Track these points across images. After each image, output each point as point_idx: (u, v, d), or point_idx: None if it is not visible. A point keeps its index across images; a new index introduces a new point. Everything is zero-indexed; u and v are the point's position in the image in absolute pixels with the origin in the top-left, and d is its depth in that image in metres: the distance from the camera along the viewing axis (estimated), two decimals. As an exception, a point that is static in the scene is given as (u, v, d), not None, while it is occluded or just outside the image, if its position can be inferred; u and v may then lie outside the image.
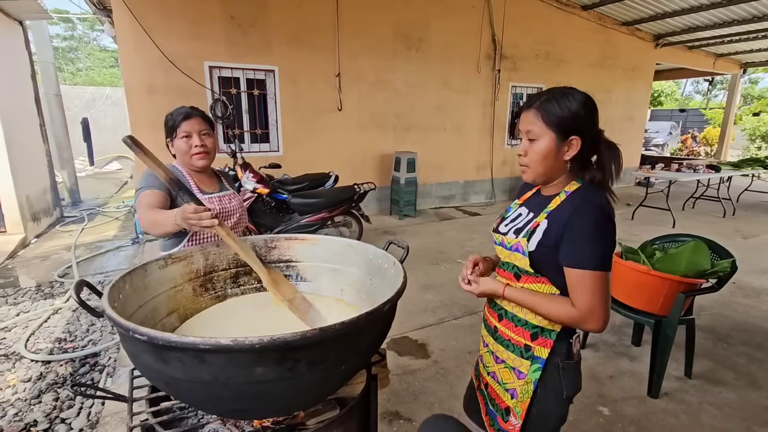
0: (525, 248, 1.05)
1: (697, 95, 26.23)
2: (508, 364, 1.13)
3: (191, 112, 1.52)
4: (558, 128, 1.02)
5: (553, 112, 1.02)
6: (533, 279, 1.07)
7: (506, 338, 1.14)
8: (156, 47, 4.74)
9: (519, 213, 1.18)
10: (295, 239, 1.44)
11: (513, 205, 1.25)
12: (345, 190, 4.54)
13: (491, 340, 1.19)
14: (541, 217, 1.06)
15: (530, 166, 1.07)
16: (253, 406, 0.87)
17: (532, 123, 1.05)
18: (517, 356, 1.10)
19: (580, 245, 0.97)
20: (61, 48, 20.35)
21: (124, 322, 0.77)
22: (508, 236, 1.12)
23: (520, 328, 1.10)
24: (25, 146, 5.49)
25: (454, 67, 6.93)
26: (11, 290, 3.71)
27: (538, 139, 1.04)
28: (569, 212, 1.00)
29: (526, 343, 1.09)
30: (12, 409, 2.22)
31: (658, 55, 9.46)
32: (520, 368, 1.10)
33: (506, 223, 1.19)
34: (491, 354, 1.19)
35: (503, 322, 1.15)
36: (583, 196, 1.03)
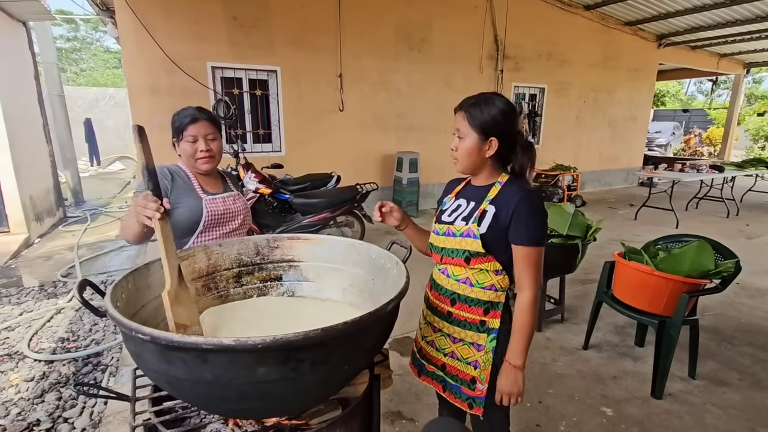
0: (476, 232, 1.20)
1: (700, 95, 26.14)
2: (466, 341, 1.28)
3: (198, 115, 1.49)
4: (480, 130, 1.20)
5: (476, 116, 1.20)
6: (482, 259, 1.21)
7: (462, 319, 1.28)
8: (159, 48, 4.75)
9: (458, 204, 1.33)
10: (297, 239, 1.43)
11: (447, 198, 1.40)
12: (347, 190, 4.54)
13: (445, 324, 1.32)
14: (485, 204, 1.23)
15: (459, 159, 1.27)
16: (256, 406, 0.87)
17: (460, 123, 1.23)
18: (475, 332, 1.26)
19: (528, 227, 1.17)
20: (65, 49, 20.44)
21: (127, 321, 0.77)
22: (456, 224, 1.27)
23: (474, 307, 1.25)
24: (29, 146, 5.51)
25: (457, 67, 6.93)
26: (14, 290, 3.73)
27: (464, 137, 1.23)
28: (515, 200, 1.17)
29: (481, 318, 1.25)
30: (15, 408, 2.22)
31: (661, 55, 9.43)
32: (478, 342, 1.26)
33: (448, 214, 1.33)
34: (446, 336, 1.32)
35: (457, 305, 1.28)
36: (522, 187, 1.21)
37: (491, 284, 1.23)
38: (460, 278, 1.27)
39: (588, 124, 8.81)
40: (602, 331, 3.01)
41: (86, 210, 6.90)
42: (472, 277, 1.25)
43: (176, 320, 1.03)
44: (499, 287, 1.24)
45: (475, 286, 1.24)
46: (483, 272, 1.23)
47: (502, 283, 1.24)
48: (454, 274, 1.28)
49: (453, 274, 1.28)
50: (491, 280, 1.23)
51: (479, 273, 1.24)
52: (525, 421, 2.11)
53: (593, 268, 4.01)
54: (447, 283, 1.30)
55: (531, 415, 2.16)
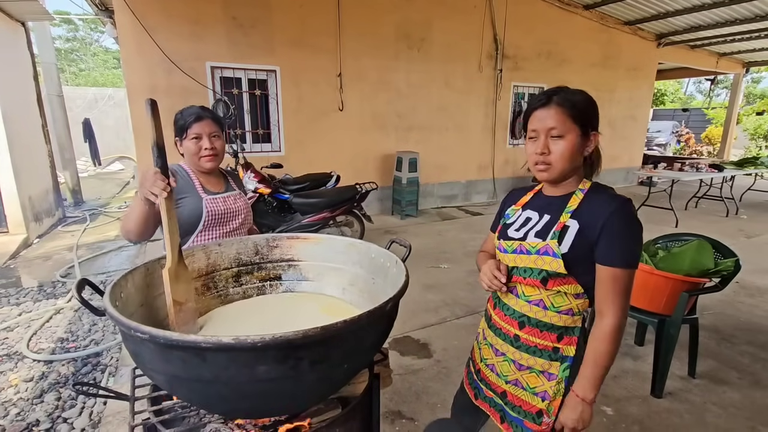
0: (556, 250, 1.03)
1: (699, 95, 26.16)
2: (535, 369, 1.12)
3: (202, 114, 1.50)
4: (581, 123, 1.04)
5: (577, 108, 1.04)
6: (561, 281, 1.06)
7: (531, 345, 1.12)
8: (158, 48, 4.74)
9: (527, 217, 1.17)
10: (297, 238, 1.43)
11: (511, 210, 1.24)
12: (347, 189, 4.54)
13: (510, 348, 1.16)
14: (565, 218, 1.06)
15: (554, 164, 1.05)
16: (255, 405, 0.87)
17: (555, 119, 1.04)
18: (546, 360, 1.11)
19: (621, 246, 0.99)
20: (64, 49, 20.41)
21: (126, 320, 0.77)
22: (528, 240, 1.10)
23: (546, 332, 1.10)
24: (28, 147, 5.51)
25: (456, 67, 6.93)
26: (13, 290, 3.72)
27: (563, 135, 1.04)
28: (606, 212, 1.00)
29: (554, 345, 1.10)
30: (14, 408, 2.22)
31: (661, 54, 9.43)
32: (549, 370, 1.11)
33: (515, 228, 1.17)
34: (511, 362, 1.17)
35: (526, 329, 1.12)
36: (612, 196, 1.05)
37: (569, 308, 1.08)
38: (532, 300, 1.11)
39: (587, 124, 8.80)
40: (602, 330, 3.00)
41: (85, 210, 6.89)
42: (546, 300, 1.09)
43: (174, 297, 1.06)
44: (576, 311, 1.08)
45: (549, 310, 1.08)
46: (561, 295, 1.07)
47: (580, 307, 1.08)
48: (524, 294, 1.12)
49: (524, 294, 1.12)
50: (569, 304, 1.07)
51: (556, 295, 1.08)
52: (525, 421, 2.11)
53: (593, 268, 4.01)
54: (516, 304, 1.14)
55: (531, 415, 2.15)
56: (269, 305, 1.33)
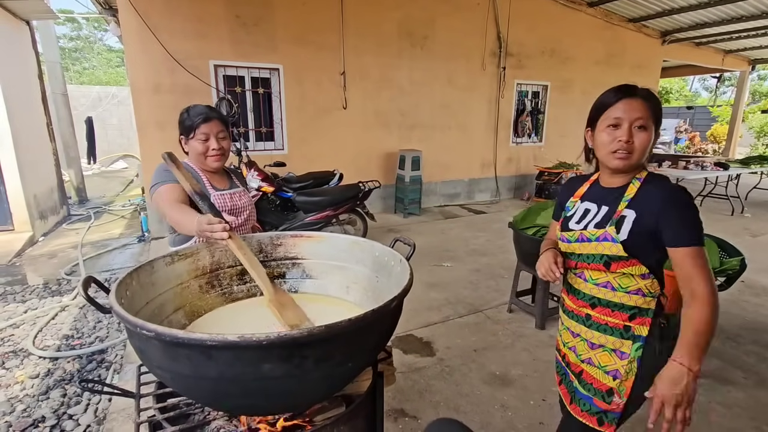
0: (615, 236, 1.10)
1: (705, 92, 25.97)
2: (607, 347, 1.17)
3: (210, 114, 1.51)
4: (656, 119, 1.11)
5: (657, 105, 1.11)
6: (624, 263, 1.11)
7: (602, 323, 1.17)
8: (161, 46, 4.75)
9: (586, 209, 1.22)
10: (300, 236, 1.43)
11: (570, 203, 1.29)
12: (350, 188, 4.54)
13: (583, 328, 1.22)
14: (622, 206, 1.12)
15: (635, 153, 1.10)
16: (260, 402, 0.87)
17: (641, 110, 1.09)
18: (617, 338, 1.15)
19: (687, 226, 1.04)
20: (68, 48, 20.49)
21: (132, 318, 0.77)
22: (589, 230, 1.16)
23: (617, 311, 1.14)
24: (33, 145, 5.54)
25: (459, 64, 6.91)
26: (19, 288, 3.75)
27: (646, 127, 1.09)
28: (662, 198, 1.07)
29: (626, 324, 1.14)
30: (20, 405, 2.24)
31: (666, 51, 9.37)
32: (621, 349, 1.15)
33: (576, 220, 1.23)
34: (585, 341, 1.22)
35: (597, 309, 1.18)
36: (665, 184, 1.11)
37: (637, 288, 1.12)
38: (599, 282, 1.17)
39: (591, 122, 8.76)
40: (606, 329, 3.00)
41: (90, 208, 6.93)
42: (613, 281, 1.14)
43: (288, 323, 1.08)
44: (647, 292, 1.12)
45: (618, 290, 1.14)
46: (627, 276, 1.12)
47: (650, 287, 1.12)
48: (592, 278, 1.18)
49: (591, 278, 1.18)
50: (637, 284, 1.12)
51: (622, 277, 1.13)
52: (528, 419, 2.11)
53: (597, 266, 3.99)
54: (585, 287, 1.20)
55: (534, 413, 2.15)
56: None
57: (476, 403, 2.23)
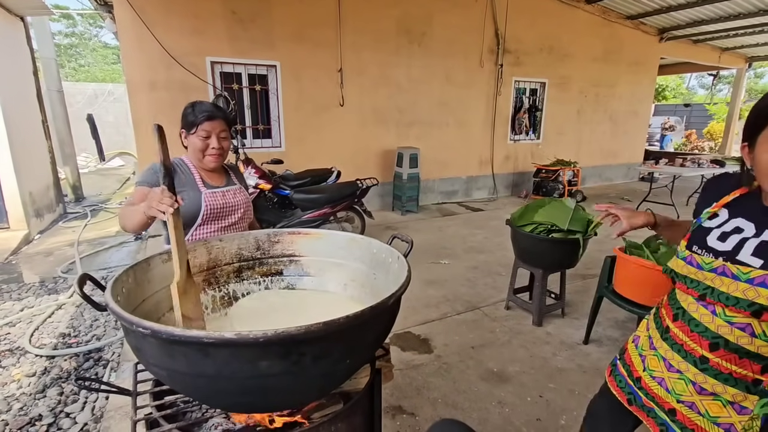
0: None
1: (701, 89, 26.05)
2: (722, 397, 0.95)
3: (215, 113, 1.51)
4: None
5: None
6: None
7: (725, 371, 0.94)
8: (157, 43, 4.72)
9: (737, 226, 0.95)
10: (298, 234, 1.43)
11: (705, 214, 1.03)
12: (347, 185, 4.53)
13: (692, 368, 0.99)
14: None
15: None
16: (257, 400, 0.87)
17: None
18: (741, 391, 0.93)
19: None
20: (63, 45, 20.33)
21: (128, 315, 0.77)
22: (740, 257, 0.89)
23: (747, 360, 0.91)
24: (28, 142, 5.50)
25: (457, 61, 6.90)
26: (15, 286, 3.73)
27: None
28: None
29: (756, 377, 0.91)
30: (17, 403, 2.23)
31: (663, 49, 9.38)
32: (742, 403, 0.94)
33: (717, 236, 0.96)
34: (689, 383, 1.00)
35: (719, 352, 0.94)
36: None
37: None
38: (736, 323, 0.91)
39: (589, 119, 8.79)
40: (603, 326, 3.01)
41: (86, 206, 6.89)
42: (758, 327, 0.88)
43: (183, 312, 1.05)
44: None
45: (759, 338, 0.89)
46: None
47: None
48: (725, 314, 0.92)
49: (724, 313, 0.92)
50: None
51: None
52: (525, 415, 2.12)
53: (593, 263, 4.01)
54: (710, 321, 0.94)
55: (531, 410, 2.16)
56: (271, 300, 1.33)
57: (474, 399, 2.23)
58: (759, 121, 0.88)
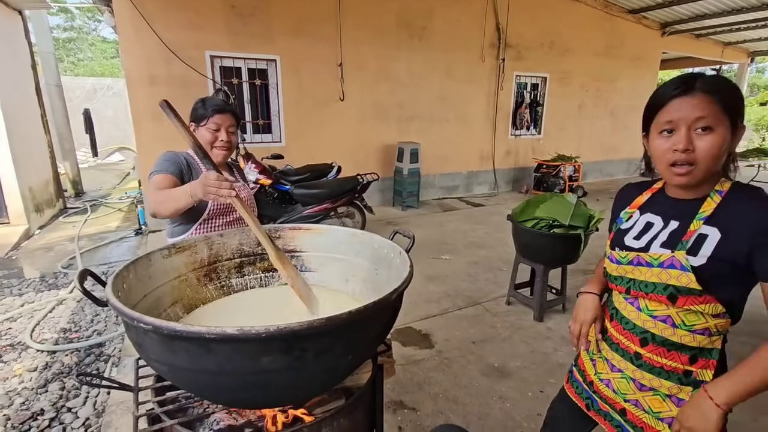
0: (685, 263, 0.89)
1: (703, 85, 25.89)
2: (660, 392, 0.99)
3: (225, 107, 1.55)
4: (731, 114, 0.86)
5: (728, 95, 0.86)
6: (695, 299, 0.90)
7: (657, 365, 0.98)
8: (157, 37, 4.69)
9: (647, 221, 1.02)
10: (299, 229, 1.42)
11: (624, 214, 1.09)
12: (348, 180, 4.52)
13: (630, 366, 1.03)
14: (697, 224, 0.91)
15: (700, 163, 0.87)
16: (260, 395, 0.87)
17: (702, 108, 0.86)
18: (675, 383, 0.96)
19: None
20: (61, 39, 20.20)
21: (129, 311, 0.76)
22: (652, 252, 0.96)
23: (675, 352, 0.95)
24: (27, 137, 5.48)
25: (458, 56, 6.85)
26: (16, 281, 3.73)
27: (713, 128, 0.86)
28: (759, 217, 0.85)
29: (686, 368, 0.95)
30: (19, 398, 2.23)
31: (665, 43, 9.32)
32: (678, 395, 0.97)
33: (634, 236, 1.02)
34: (631, 381, 1.03)
35: (649, 347, 0.98)
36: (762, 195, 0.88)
37: (704, 328, 0.92)
38: (657, 315, 0.96)
39: (590, 114, 8.75)
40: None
41: (86, 201, 6.88)
42: (676, 317, 0.93)
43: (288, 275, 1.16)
44: (714, 331, 0.93)
45: (679, 328, 0.93)
46: (695, 313, 0.92)
47: (720, 326, 0.93)
48: (648, 308, 0.98)
49: (647, 308, 0.98)
50: (705, 323, 0.92)
51: (687, 313, 0.92)
52: (526, 410, 2.12)
53: (594, 259, 4.00)
54: (637, 318, 1.00)
55: (532, 404, 2.17)
56: (272, 296, 1.33)
57: (474, 394, 2.24)
58: (650, 113, 0.99)
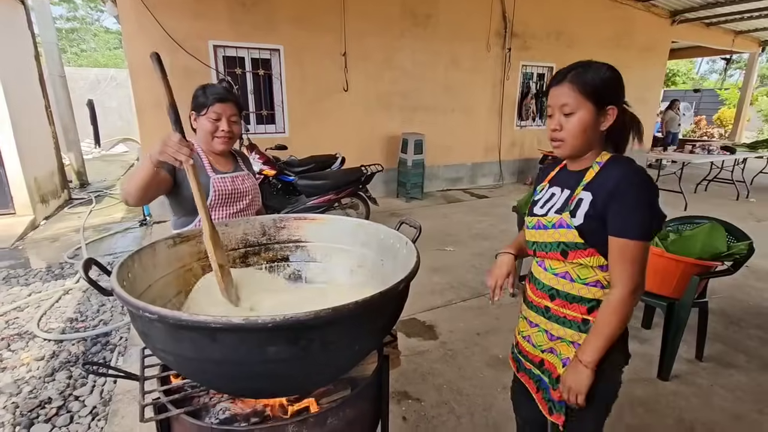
0: (569, 222, 1.06)
1: (713, 74, 25.51)
2: (565, 339, 1.14)
3: (227, 96, 1.49)
4: (595, 98, 1.04)
5: (589, 83, 1.03)
6: (581, 253, 1.07)
7: (561, 315, 1.14)
8: (160, 26, 4.65)
9: (552, 193, 1.19)
10: (304, 219, 1.41)
11: (539, 188, 1.26)
12: (352, 171, 4.50)
13: (542, 320, 1.19)
14: (579, 191, 1.08)
15: (566, 140, 1.07)
16: (265, 385, 0.86)
17: (566, 96, 1.05)
18: (575, 331, 1.12)
19: (628, 215, 0.99)
20: (64, 29, 20.14)
21: (134, 300, 0.75)
22: (548, 216, 1.13)
23: (575, 304, 1.11)
24: (32, 128, 5.48)
25: (463, 45, 6.76)
26: (22, 271, 3.76)
27: (575, 111, 1.05)
28: (614, 181, 1.01)
29: (584, 317, 1.11)
30: (27, 386, 2.26)
31: (675, 32, 9.15)
32: (578, 341, 1.12)
33: (541, 205, 1.20)
34: (544, 332, 1.19)
35: (556, 301, 1.15)
36: (625, 165, 1.04)
37: (596, 280, 1.08)
38: (558, 272, 1.13)
39: (597, 105, 8.62)
40: (609, 313, 3.00)
41: (91, 192, 6.90)
42: (572, 272, 1.10)
43: (219, 261, 1.11)
44: (606, 284, 1.07)
45: (576, 282, 1.10)
46: (585, 267, 1.08)
47: (608, 279, 1.07)
48: (551, 267, 1.14)
49: (551, 267, 1.15)
50: (595, 276, 1.07)
51: (580, 268, 1.09)
52: (531, 402, 2.12)
53: (600, 251, 3.98)
54: (545, 277, 1.17)
55: (537, 396, 2.16)
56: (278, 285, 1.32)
57: (479, 385, 2.24)
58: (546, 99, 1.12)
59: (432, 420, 1.99)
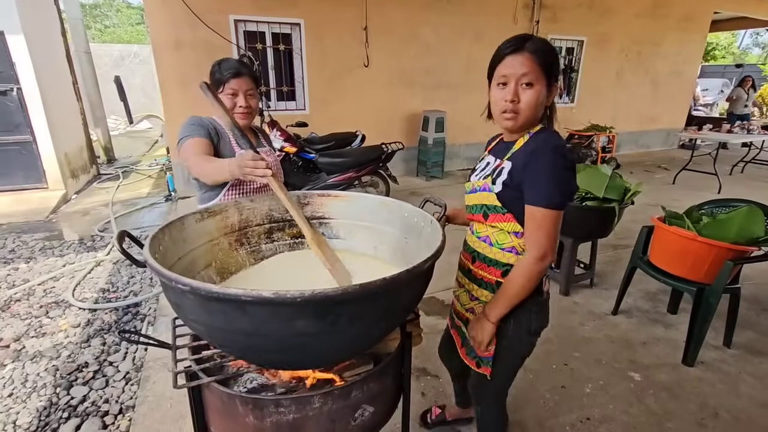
0: (491, 186, 1.12)
1: (756, 48, 23.88)
2: (482, 300, 1.24)
3: (241, 69, 1.48)
4: (548, 73, 1.04)
5: (547, 57, 1.03)
6: (500, 217, 1.13)
7: (479, 277, 1.23)
8: (181, 0, 4.62)
9: (487, 162, 1.24)
10: (327, 196, 1.41)
11: (480, 157, 1.33)
12: (372, 149, 4.46)
13: (466, 280, 1.29)
14: (504, 160, 1.13)
15: (522, 112, 1.06)
16: (293, 357, 0.88)
17: (528, 67, 1.02)
18: (490, 292, 1.20)
19: (537, 184, 1.02)
20: (87, 6, 20.33)
21: (167, 272, 0.77)
22: (477, 181, 1.20)
23: (492, 267, 1.19)
24: (60, 104, 5.61)
25: (489, 18, 6.50)
26: (57, 243, 3.93)
27: (533, 84, 1.04)
28: (530, 153, 1.05)
29: (497, 280, 1.18)
30: (65, 351, 2.39)
31: (718, 2, 8.54)
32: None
33: (476, 173, 1.26)
34: (467, 293, 1.29)
35: (476, 263, 1.23)
36: (545, 138, 1.08)
37: (511, 246, 1.14)
38: (481, 236, 1.20)
39: (629, 81, 8.23)
40: (633, 297, 2.94)
41: (118, 168, 7.09)
42: (492, 236, 1.17)
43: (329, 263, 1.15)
44: (520, 250, 1.14)
45: (494, 246, 1.17)
46: (502, 232, 1.14)
47: (523, 246, 1.13)
48: (477, 231, 1.22)
49: (476, 231, 1.23)
50: (511, 242, 1.14)
51: (498, 233, 1.15)
52: (550, 382, 2.12)
53: (626, 233, 3.87)
54: (471, 240, 1.26)
55: (556, 377, 2.16)
56: (305, 261, 1.33)
57: (498, 364, 2.25)
58: (492, 65, 1.11)
59: (450, 397, 2.02)
